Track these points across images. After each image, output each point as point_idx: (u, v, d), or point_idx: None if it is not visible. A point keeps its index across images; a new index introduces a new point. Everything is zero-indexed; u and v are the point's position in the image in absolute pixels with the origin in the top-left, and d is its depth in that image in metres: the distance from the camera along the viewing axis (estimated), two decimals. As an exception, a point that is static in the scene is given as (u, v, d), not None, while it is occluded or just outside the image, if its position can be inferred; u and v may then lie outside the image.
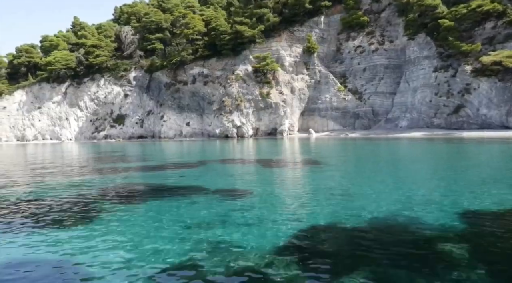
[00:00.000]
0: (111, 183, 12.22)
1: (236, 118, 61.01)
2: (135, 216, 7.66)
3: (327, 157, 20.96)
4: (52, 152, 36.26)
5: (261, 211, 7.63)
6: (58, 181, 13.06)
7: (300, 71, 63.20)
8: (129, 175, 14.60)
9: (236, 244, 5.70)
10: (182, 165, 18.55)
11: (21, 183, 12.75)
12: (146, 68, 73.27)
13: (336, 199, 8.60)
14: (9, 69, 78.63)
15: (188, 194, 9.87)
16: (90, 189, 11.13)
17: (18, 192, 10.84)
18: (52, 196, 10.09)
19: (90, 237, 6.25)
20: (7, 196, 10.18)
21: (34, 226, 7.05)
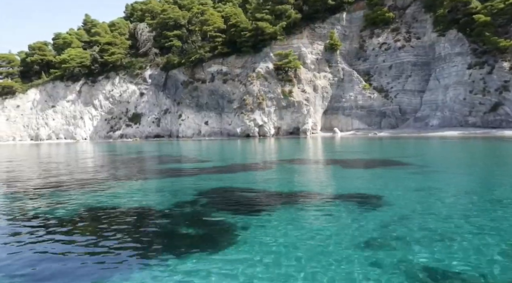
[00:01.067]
0: (211, 190, 10.80)
1: (258, 117, 59.55)
2: (282, 230, 6.17)
3: (405, 156, 19.49)
4: (82, 152, 34.86)
5: (433, 220, 6.21)
6: (152, 189, 11.63)
7: (322, 69, 61.71)
8: (214, 178, 13.14)
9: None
10: (254, 166, 17.11)
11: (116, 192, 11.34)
12: (162, 66, 71.84)
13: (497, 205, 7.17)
14: (21, 67, 77.24)
15: (318, 202, 8.44)
16: (198, 197, 9.69)
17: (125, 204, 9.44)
18: (163, 212, 8.67)
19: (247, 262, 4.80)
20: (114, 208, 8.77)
21: (168, 254, 5.59)
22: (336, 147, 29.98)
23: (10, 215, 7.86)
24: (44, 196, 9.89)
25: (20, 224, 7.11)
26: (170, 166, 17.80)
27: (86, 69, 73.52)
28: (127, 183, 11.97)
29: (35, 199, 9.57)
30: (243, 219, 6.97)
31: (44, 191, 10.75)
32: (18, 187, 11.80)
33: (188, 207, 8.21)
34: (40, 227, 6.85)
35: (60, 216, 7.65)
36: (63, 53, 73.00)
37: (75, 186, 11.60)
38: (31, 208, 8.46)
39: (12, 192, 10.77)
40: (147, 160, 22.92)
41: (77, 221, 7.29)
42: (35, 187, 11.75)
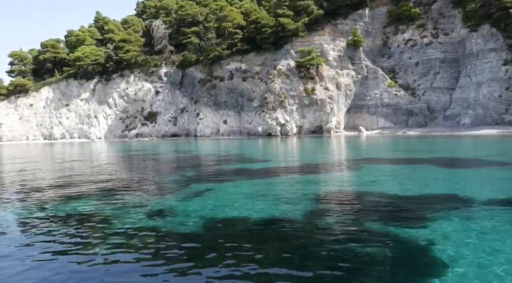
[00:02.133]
0: (329, 194, 9.28)
1: (280, 115, 58.04)
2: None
3: (489, 155, 17.96)
4: (108, 151, 33.39)
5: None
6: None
7: (345, 66, 60.15)
8: (310, 180, 11.59)
9: None
10: (333, 165, 15.59)
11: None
12: (178, 63, 70.41)
13: None
14: (34, 65, 75.85)
15: (479, 207, 6.91)
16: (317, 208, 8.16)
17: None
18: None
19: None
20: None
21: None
22: (384, 146, 28.42)
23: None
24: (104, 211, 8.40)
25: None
26: (239, 167, 16.29)
27: (100, 67, 72.14)
28: (224, 186, 10.48)
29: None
30: (430, 232, 5.51)
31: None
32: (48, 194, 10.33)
33: (331, 217, 6.69)
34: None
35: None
36: (76, 51, 71.57)
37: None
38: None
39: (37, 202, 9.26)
40: (203, 160, 21.39)
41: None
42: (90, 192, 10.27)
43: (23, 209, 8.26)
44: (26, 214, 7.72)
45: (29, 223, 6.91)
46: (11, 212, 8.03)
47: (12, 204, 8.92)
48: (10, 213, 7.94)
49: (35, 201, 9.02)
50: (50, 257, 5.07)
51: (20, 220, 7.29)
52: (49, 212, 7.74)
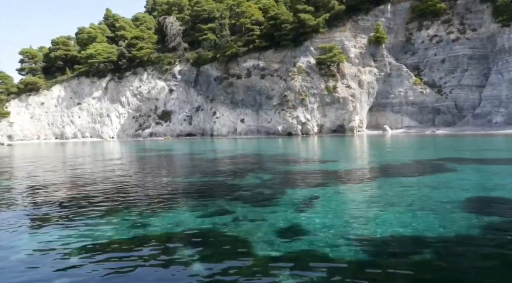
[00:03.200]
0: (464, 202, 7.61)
1: (301, 114, 56.39)
2: None
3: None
4: (132, 151, 31.68)
5: None
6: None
7: (366, 63, 58.46)
8: (419, 183, 9.92)
9: None
10: (416, 167, 13.90)
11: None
12: (193, 61, 68.78)
13: None
14: (44, 63, 74.26)
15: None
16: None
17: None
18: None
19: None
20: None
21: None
22: (432, 145, 26.69)
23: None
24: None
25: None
26: (314, 168, 14.58)
27: (112, 65, 70.56)
28: (325, 192, 8.82)
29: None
30: None
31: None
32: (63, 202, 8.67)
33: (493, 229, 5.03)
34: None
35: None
36: (88, 48, 69.92)
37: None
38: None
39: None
40: (261, 160, 19.70)
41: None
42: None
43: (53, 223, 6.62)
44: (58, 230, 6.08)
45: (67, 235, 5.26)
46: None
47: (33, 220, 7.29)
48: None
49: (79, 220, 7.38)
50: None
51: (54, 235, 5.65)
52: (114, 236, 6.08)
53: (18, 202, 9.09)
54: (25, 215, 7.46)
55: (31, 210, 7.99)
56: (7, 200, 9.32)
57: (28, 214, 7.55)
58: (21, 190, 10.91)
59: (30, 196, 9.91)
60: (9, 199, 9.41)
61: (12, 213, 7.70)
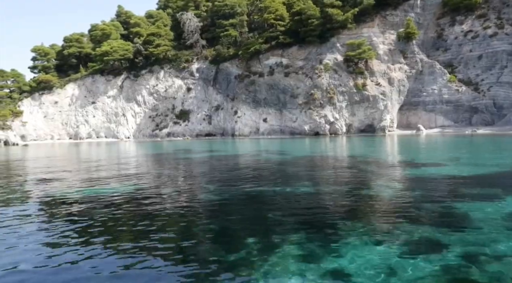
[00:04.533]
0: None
1: (329, 113, 54.01)
2: None
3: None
4: (162, 153, 29.26)
5: None
6: None
7: (396, 60, 56.04)
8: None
9: None
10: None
11: None
12: (211, 58, 66.35)
13: None
14: (57, 60, 71.92)
15: None
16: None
17: None
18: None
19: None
20: None
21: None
22: (498, 146, 24.25)
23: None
24: None
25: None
26: (416, 173, 12.20)
27: (127, 62, 68.20)
28: (477, 205, 6.45)
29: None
30: None
31: None
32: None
33: None
34: None
35: None
36: (103, 45, 67.53)
37: None
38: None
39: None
40: (349, 164, 17.30)
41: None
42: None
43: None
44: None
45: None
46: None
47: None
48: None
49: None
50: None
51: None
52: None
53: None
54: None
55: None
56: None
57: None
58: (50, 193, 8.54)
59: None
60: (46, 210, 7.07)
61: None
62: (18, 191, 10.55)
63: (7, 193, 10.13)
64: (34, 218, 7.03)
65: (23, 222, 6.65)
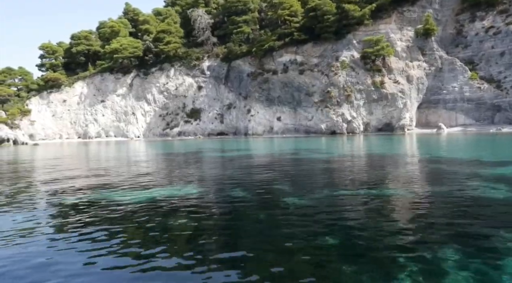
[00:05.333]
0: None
1: (346, 111, 52.67)
2: None
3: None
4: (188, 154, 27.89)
5: None
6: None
7: (414, 57, 54.67)
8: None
9: None
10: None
11: None
12: (223, 56, 65.04)
13: None
14: (66, 58, 70.66)
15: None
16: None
17: None
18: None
19: None
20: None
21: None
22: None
23: None
24: None
25: None
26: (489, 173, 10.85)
27: (137, 60, 66.90)
28: None
29: None
30: None
31: None
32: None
33: None
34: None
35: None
36: (112, 43, 66.28)
37: None
38: None
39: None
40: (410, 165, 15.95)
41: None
42: None
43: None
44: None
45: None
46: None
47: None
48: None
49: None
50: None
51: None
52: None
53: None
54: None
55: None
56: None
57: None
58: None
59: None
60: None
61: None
62: (37, 194, 9.33)
63: (24, 197, 8.95)
64: (63, 222, 5.94)
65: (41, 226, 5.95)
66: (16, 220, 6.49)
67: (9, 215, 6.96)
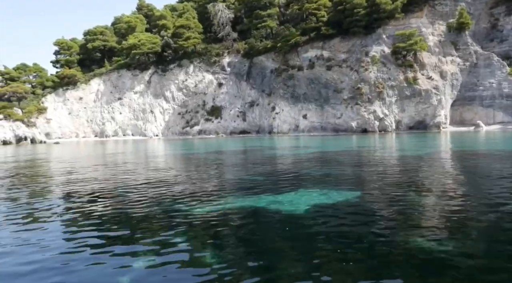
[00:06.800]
0: None
1: (378, 108, 50.63)
2: None
3: None
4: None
5: None
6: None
7: (447, 52, 52.64)
8: None
9: None
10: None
11: None
12: (244, 52, 62.98)
13: None
14: (80, 54, 68.58)
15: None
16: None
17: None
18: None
19: None
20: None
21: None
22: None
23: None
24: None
25: None
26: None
27: (154, 57, 64.81)
28: None
29: None
30: None
31: None
32: None
33: None
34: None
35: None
36: (129, 38, 64.17)
37: None
38: None
39: None
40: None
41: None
42: None
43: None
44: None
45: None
46: None
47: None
48: None
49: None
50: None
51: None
52: None
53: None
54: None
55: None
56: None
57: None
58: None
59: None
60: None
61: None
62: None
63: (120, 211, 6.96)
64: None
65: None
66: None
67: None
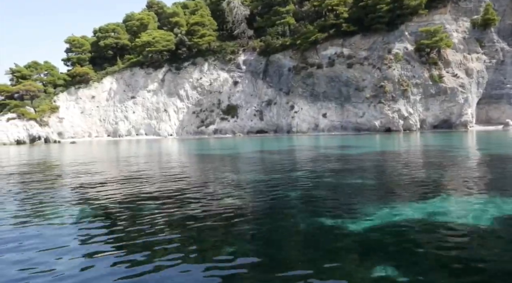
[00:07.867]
0: None
1: (402, 107, 49.30)
2: None
3: None
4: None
5: None
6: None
7: (472, 49, 51.37)
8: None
9: None
10: None
11: None
12: (260, 50, 61.59)
13: None
14: (92, 52, 67.16)
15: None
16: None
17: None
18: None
19: None
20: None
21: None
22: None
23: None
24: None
25: None
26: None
27: (168, 54, 63.39)
28: None
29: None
30: None
31: None
32: None
33: None
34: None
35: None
36: (142, 35, 62.74)
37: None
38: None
39: None
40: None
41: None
42: None
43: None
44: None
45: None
46: None
47: None
48: None
49: None
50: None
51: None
52: None
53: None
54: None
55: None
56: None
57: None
58: None
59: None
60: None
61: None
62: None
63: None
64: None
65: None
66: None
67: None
